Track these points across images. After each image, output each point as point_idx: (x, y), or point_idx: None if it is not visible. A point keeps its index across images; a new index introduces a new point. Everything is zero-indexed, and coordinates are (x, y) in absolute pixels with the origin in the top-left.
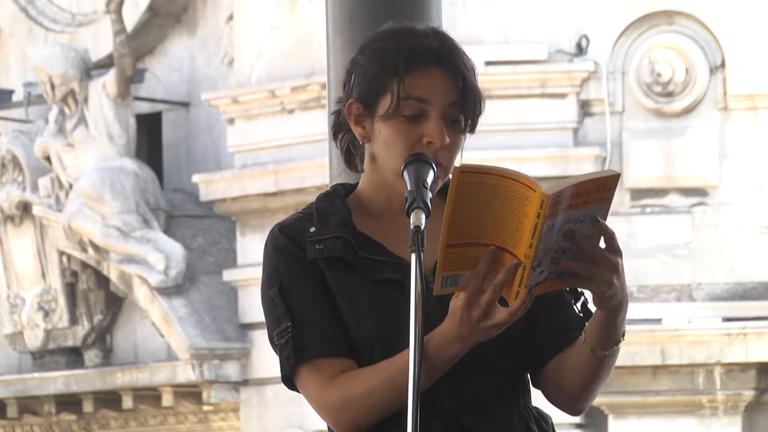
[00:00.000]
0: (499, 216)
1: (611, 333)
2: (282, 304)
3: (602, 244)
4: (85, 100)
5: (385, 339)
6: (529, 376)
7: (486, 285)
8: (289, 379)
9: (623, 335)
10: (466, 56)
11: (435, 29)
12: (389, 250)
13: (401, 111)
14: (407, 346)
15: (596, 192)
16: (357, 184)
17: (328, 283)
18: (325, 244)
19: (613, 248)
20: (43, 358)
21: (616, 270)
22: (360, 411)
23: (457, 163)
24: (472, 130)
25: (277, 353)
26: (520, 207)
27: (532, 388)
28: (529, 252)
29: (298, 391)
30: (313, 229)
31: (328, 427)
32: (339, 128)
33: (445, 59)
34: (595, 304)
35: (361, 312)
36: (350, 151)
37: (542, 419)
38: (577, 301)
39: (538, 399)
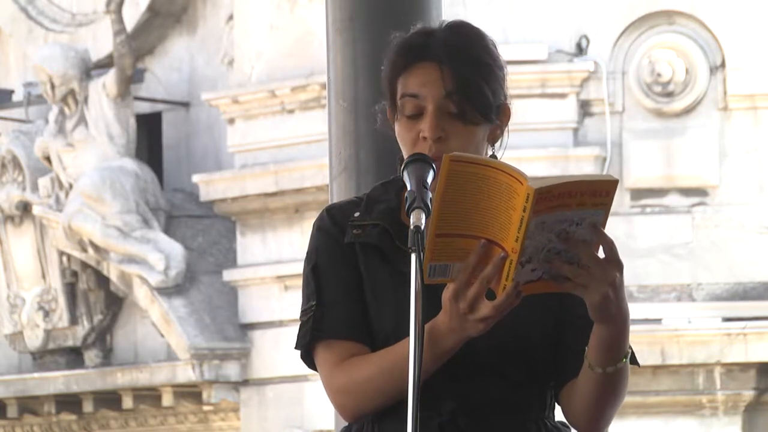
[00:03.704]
0: (489, 208)
1: (608, 350)
2: (313, 283)
3: (602, 254)
4: (85, 100)
5: (400, 330)
6: (553, 389)
7: (475, 278)
8: (308, 355)
9: (626, 356)
10: (473, 49)
11: (451, 25)
12: None
13: (402, 111)
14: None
15: (592, 195)
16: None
17: (360, 269)
18: (364, 229)
19: (613, 260)
20: (43, 358)
21: (611, 283)
22: (361, 396)
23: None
24: (487, 119)
25: (299, 328)
26: (508, 199)
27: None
28: (516, 246)
29: (315, 369)
30: (357, 214)
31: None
32: None
33: (437, 52)
34: (589, 314)
35: (382, 301)
36: None
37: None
38: None
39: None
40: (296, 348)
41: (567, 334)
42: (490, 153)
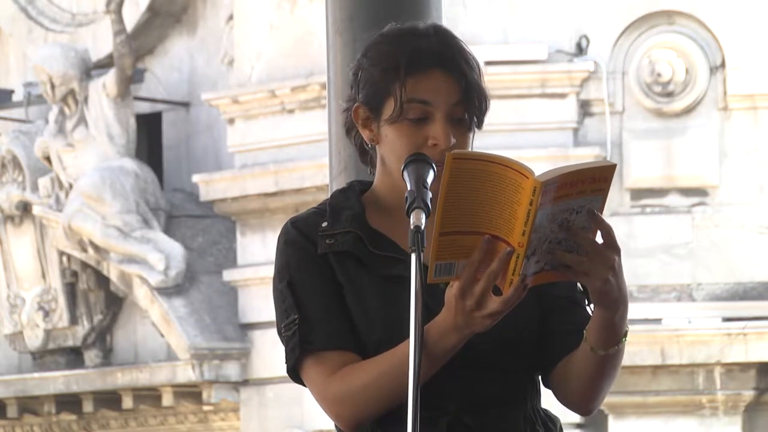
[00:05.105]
0: (493, 203)
1: (609, 332)
2: (290, 297)
3: (600, 239)
4: (85, 100)
5: (391, 335)
6: (540, 377)
7: (480, 274)
8: (294, 371)
9: (625, 336)
10: (469, 54)
11: (437, 28)
12: (401, 247)
13: (405, 114)
14: None
15: (591, 182)
16: (373, 181)
17: (338, 278)
18: (336, 238)
19: (611, 244)
20: (43, 358)
21: (611, 267)
22: (360, 404)
23: None
24: (479, 126)
25: (283, 344)
26: (513, 194)
27: (543, 389)
28: (523, 240)
29: (303, 384)
30: (325, 224)
31: (337, 428)
32: (350, 127)
33: (446, 60)
34: (591, 300)
35: (369, 308)
36: (364, 149)
37: (550, 421)
38: (590, 303)
39: (550, 401)
40: (287, 363)
41: (552, 317)
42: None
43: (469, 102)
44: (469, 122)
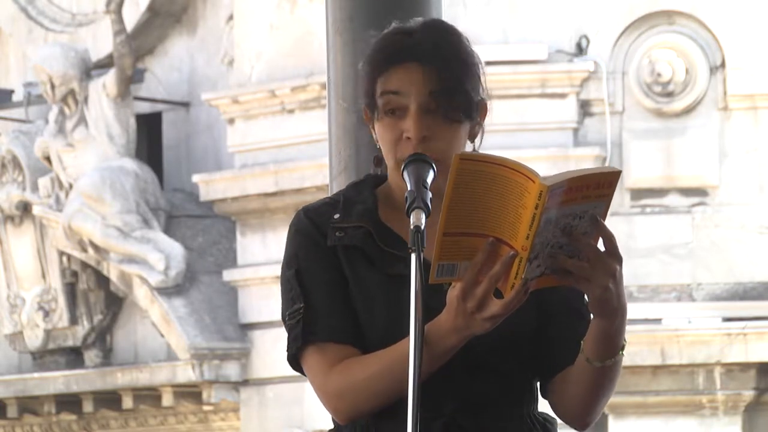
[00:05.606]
0: (498, 206)
1: (607, 343)
2: (297, 287)
3: (602, 246)
4: (85, 100)
5: (394, 332)
6: (538, 386)
7: (482, 276)
8: (295, 359)
9: (623, 348)
10: (461, 48)
11: (429, 23)
12: (407, 243)
13: (383, 108)
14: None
15: (596, 188)
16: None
17: (345, 272)
18: (346, 232)
19: (613, 252)
20: (43, 358)
21: (612, 275)
22: (359, 398)
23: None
24: (468, 117)
25: (287, 332)
26: (518, 198)
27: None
28: (526, 244)
29: (302, 372)
30: (336, 216)
31: (333, 421)
32: None
33: (423, 52)
34: (590, 308)
35: (373, 304)
36: None
37: (547, 422)
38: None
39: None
40: (289, 351)
41: (554, 326)
42: (469, 149)
43: (444, 93)
44: (447, 114)
